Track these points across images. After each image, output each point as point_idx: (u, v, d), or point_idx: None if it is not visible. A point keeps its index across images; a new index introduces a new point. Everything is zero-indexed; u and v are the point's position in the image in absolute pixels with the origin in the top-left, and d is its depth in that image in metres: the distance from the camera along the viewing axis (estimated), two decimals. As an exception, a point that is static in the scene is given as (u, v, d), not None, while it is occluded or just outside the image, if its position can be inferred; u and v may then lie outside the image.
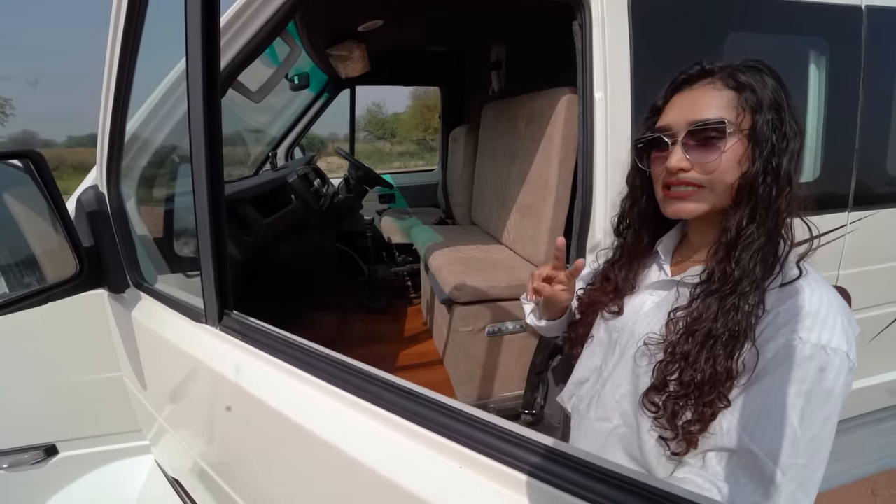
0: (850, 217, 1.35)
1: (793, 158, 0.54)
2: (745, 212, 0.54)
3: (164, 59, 0.81)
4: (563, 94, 1.47)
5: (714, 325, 0.53)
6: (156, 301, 0.74)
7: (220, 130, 0.50)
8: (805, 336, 0.49)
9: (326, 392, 0.43)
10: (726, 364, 0.52)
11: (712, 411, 0.53)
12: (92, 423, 1.05)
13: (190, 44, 0.47)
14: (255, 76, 1.10)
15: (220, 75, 0.49)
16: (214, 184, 0.50)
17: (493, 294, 1.47)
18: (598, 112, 1.03)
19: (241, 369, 0.51)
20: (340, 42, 2.03)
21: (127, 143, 0.85)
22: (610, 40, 1.01)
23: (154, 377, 0.79)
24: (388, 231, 2.72)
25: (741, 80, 0.55)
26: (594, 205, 1.07)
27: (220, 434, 0.63)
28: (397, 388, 0.39)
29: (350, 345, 2.08)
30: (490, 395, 1.57)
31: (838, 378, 0.48)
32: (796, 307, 0.51)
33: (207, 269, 0.54)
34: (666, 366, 0.56)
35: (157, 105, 0.82)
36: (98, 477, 1.04)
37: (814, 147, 1.30)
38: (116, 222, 0.81)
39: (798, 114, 0.55)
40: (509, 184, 1.84)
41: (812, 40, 1.26)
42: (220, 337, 0.56)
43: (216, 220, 0.52)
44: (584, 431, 0.73)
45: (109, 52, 0.69)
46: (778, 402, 0.49)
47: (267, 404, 0.47)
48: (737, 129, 0.54)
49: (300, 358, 0.47)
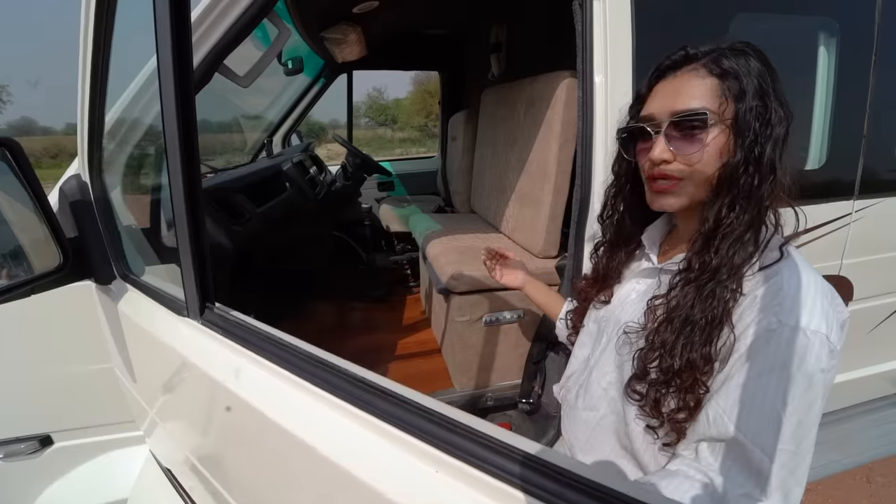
0: (855, 205, 1.32)
1: (777, 146, 0.52)
2: (725, 201, 0.53)
3: (144, 44, 0.78)
4: (563, 78, 1.42)
5: (691, 311, 0.53)
6: (141, 293, 0.73)
7: (195, 117, 0.47)
8: (784, 319, 0.48)
9: (304, 390, 0.42)
10: (703, 350, 0.52)
11: (695, 398, 0.53)
12: (87, 414, 1.05)
13: (159, 29, 0.44)
14: (244, 59, 1.07)
15: (192, 61, 0.47)
16: (190, 173, 0.48)
17: (490, 284, 1.45)
18: (597, 97, 1.00)
19: (221, 365, 0.50)
20: (334, 25, 1.97)
21: (110, 130, 0.82)
22: (611, 21, 0.97)
23: (142, 370, 0.78)
24: (386, 219, 2.69)
25: (725, 67, 0.53)
26: (593, 194, 1.05)
27: (205, 429, 0.62)
28: (376, 389, 0.37)
29: (348, 334, 2.08)
30: (487, 384, 1.57)
31: (819, 361, 0.47)
32: (774, 290, 0.51)
33: (187, 261, 0.52)
34: (646, 354, 0.57)
35: (139, 92, 0.79)
36: (93, 467, 1.05)
37: (820, 133, 1.26)
38: (100, 212, 0.79)
39: (784, 98, 0.53)
40: (508, 171, 1.81)
41: (822, 21, 1.21)
42: (201, 331, 0.55)
43: (193, 209, 0.50)
44: (572, 422, 0.74)
45: (83, 34, 0.66)
46: (760, 388, 0.48)
47: (245, 401, 0.46)
48: (719, 120, 0.53)
49: (279, 355, 0.45)
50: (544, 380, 1.49)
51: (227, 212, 1.25)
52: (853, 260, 1.36)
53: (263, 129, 2.76)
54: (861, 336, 1.49)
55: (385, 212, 2.72)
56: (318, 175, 2.20)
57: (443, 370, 1.72)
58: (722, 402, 0.50)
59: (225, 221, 1.18)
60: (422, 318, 2.20)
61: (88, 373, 1.02)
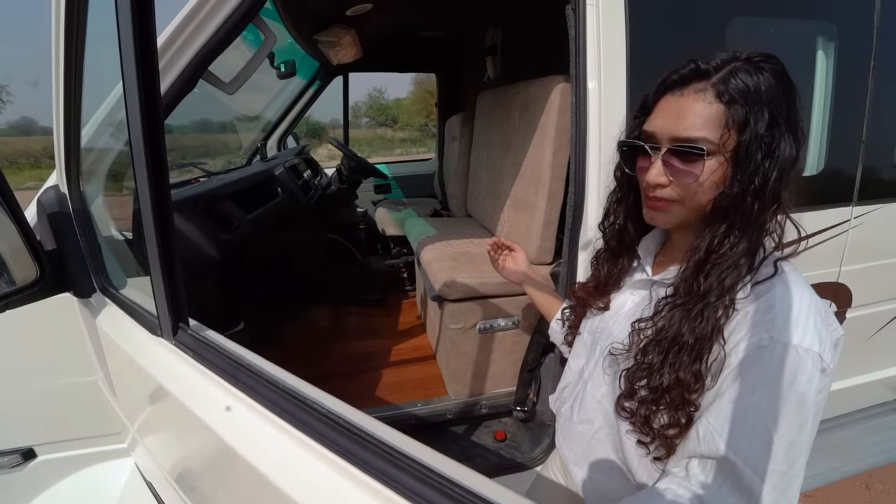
0: (854, 212, 1.30)
1: (784, 175, 0.50)
2: (719, 231, 0.52)
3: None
4: (557, 83, 1.40)
5: (679, 332, 0.52)
6: (119, 309, 0.71)
7: (162, 126, 0.45)
8: (777, 335, 0.47)
9: (270, 423, 0.40)
10: (693, 367, 0.51)
11: (686, 415, 0.52)
12: (71, 426, 1.04)
13: (122, 35, 0.42)
14: (230, 65, 1.05)
15: (157, 67, 0.45)
16: (158, 183, 0.46)
17: (484, 291, 1.44)
18: (591, 103, 0.98)
19: (189, 389, 0.48)
20: (328, 27, 1.95)
21: (90, 140, 0.80)
22: (605, 25, 0.95)
23: (120, 386, 0.76)
24: (382, 223, 2.67)
25: (733, 92, 0.50)
26: (587, 201, 1.03)
27: (178, 451, 0.60)
28: (345, 427, 0.35)
29: (342, 339, 2.06)
30: (482, 391, 1.55)
31: (811, 381, 0.46)
32: (767, 306, 0.49)
33: (158, 279, 0.50)
34: (633, 373, 0.57)
35: (119, 101, 0.77)
36: (78, 480, 1.03)
37: (819, 139, 1.24)
38: (79, 224, 0.77)
39: (798, 119, 0.51)
40: (503, 175, 1.79)
41: (820, 25, 1.19)
42: (173, 352, 0.53)
43: (162, 223, 0.48)
44: (567, 435, 0.73)
45: (54, 38, 0.64)
46: (751, 405, 0.47)
47: (213, 431, 0.44)
48: (718, 151, 0.51)
49: (249, 384, 0.43)
50: (539, 387, 1.48)
51: (215, 220, 1.23)
52: (852, 267, 1.34)
53: (260, 131, 2.74)
54: (860, 343, 1.48)
55: (381, 215, 2.70)
56: (312, 179, 2.18)
57: (437, 377, 1.70)
58: (712, 419, 0.49)
59: (212, 230, 1.16)
60: (417, 324, 2.18)
61: (72, 385, 1.00)
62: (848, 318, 1.39)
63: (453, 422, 1.52)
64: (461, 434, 1.51)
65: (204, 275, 1.11)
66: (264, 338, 1.88)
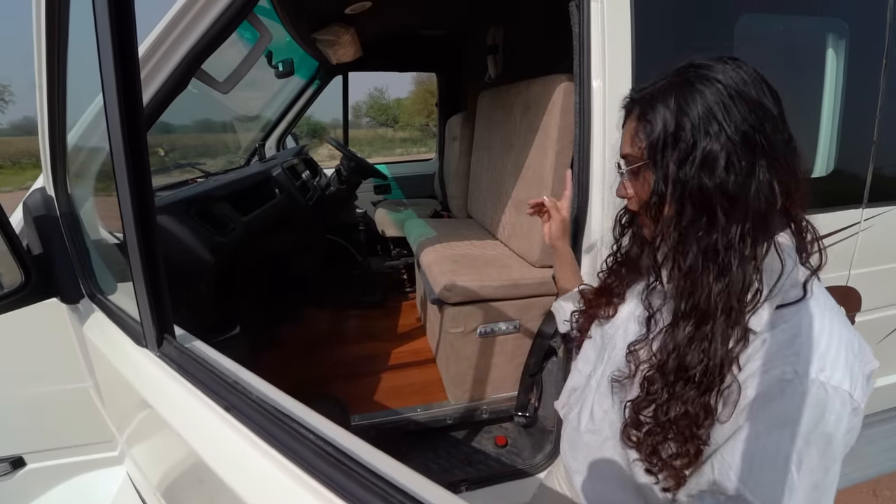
0: (864, 214, 1.27)
1: (706, 171, 0.47)
2: (673, 241, 0.51)
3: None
4: (560, 82, 1.37)
5: (683, 359, 0.49)
6: (106, 316, 0.68)
7: (143, 127, 0.43)
8: (801, 370, 0.43)
9: (256, 448, 0.37)
10: (702, 400, 0.47)
11: (695, 446, 0.49)
12: (61, 434, 1.01)
13: (100, 36, 0.39)
14: (226, 64, 1.02)
15: (138, 68, 0.42)
16: (140, 188, 0.43)
17: (484, 294, 1.41)
18: (595, 102, 0.95)
19: (174, 407, 0.45)
20: (326, 26, 1.92)
21: (79, 140, 0.78)
22: (610, 23, 0.92)
23: (108, 396, 0.74)
24: (381, 224, 2.65)
25: (644, 106, 0.53)
26: (590, 203, 1.01)
27: (162, 467, 0.57)
28: (334, 456, 0.32)
29: (341, 342, 2.03)
30: (483, 396, 1.53)
31: (840, 422, 0.42)
32: (790, 335, 0.45)
33: (141, 288, 0.47)
34: (638, 405, 0.54)
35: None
36: (69, 489, 1.00)
37: (828, 140, 1.22)
38: (67, 227, 0.74)
39: (719, 120, 0.47)
40: (504, 177, 1.76)
41: (831, 22, 1.16)
42: (158, 365, 0.50)
43: (146, 230, 0.45)
44: (573, 444, 0.70)
45: (35, 37, 0.61)
46: (770, 444, 0.44)
47: (196, 453, 0.41)
48: (639, 160, 0.54)
49: (235, 404, 0.40)
50: (541, 392, 1.45)
51: (210, 222, 1.20)
52: (861, 270, 1.31)
53: (259, 131, 2.72)
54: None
55: (380, 216, 2.67)
56: (310, 179, 2.15)
57: (437, 381, 1.67)
58: (727, 455, 0.46)
59: (206, 233, 1.14)
60: (417, 326, 2.15)
61: (63, 392, 0.97)
62: (857, 322, 1.36)
63: (453, 427, 1.50)
64: (461, 440, 1.49)
65: (197, 279, 1.09)
66: (262, 341, 1.85)
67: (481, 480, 1.29)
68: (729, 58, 0.50)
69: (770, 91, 0.49)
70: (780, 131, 0.48)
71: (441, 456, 1.40)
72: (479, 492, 1.27)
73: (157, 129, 2.04)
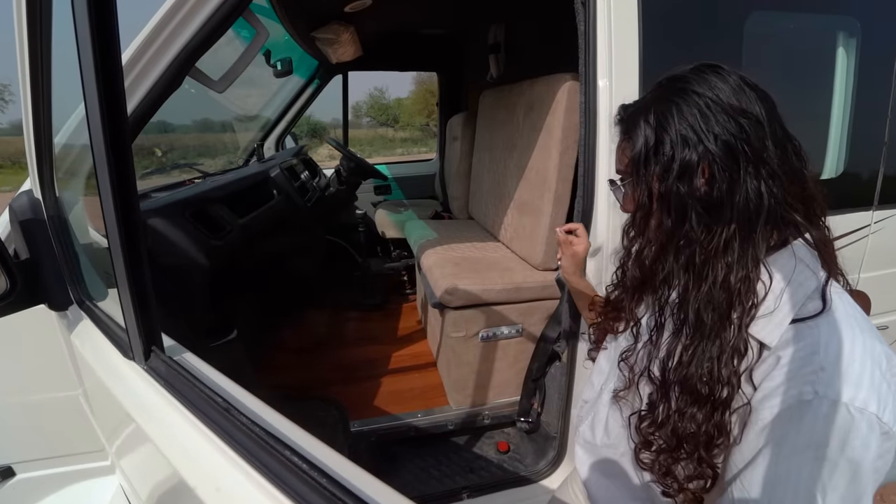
0: (874, 216, 1.24)
1: (689, 191, 0.47)
2: (661, 253, 0.52)
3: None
4: (564, 81, 1.35)
5: (683, 372, 0.47)
6: (94, 325, 0.65)
7: (126, 128, 0.40)
8: (822, 390, 0.40)
9: (244, 474, 0.34)
10: (714, 419, 0.46)
11: (710, 469, 0.47)
12: (52, 443, 0.98)
13: (79, 28, 0.36)
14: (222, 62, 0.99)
15: (120, 69, 0.39)
16: (124, 196, 0.41)
17: (486, 298, 1.38)
18: (601, 102, 0.93)
19: (160, 425, 0.43)
20: (326, 24, 1.89)
21: (68, 141, 0.75)
22: (616, 20, 0.90)
23: (97, 406, 0.71)
24: (382, 225, 2.62)
25: (628, 123, 0.54)
26: (596, 205, 0.98)
27: (149, 484, 0.54)
28: (329, 490, 0.29)
29: (341, 345, 2.00)
30: (484, 402, 1.50)
31: (867, 448, 0.39)
32: (809, 352, 0.42)
33: (127, 298, 0.45)
34: (641, 421, 0.53)
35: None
36: (60, 500, 0.98)
37: (838, 140, 1.19)
38: (55, 231, 0.71)
39: (698, 129, 0.47)
40: (507, 178, 1.73)
41: (842, 20, 1.13)
42: (144, 379, 0.47)
43: (130, 238, 0.42)
44: (588, 456, 0.68)
45: (17, 37, 0.59)
46: (792, 470, 0.41)
47: (178, 472, 0.38)
48: (627, 174, 0.55)
49: (222, 425, 0.38)
50: (544, 397, 1.42)
51: (205, 225, 1.17)
52: (871, 274, 1.29)
53: (257, 130, 2.69)
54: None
55: (381, 217, 2.64)
56: (310, 180, 2.12)
57: (438, 386, 1.64)
58: (746, 482, 0.43)
59: (201, 236, 1.11)
60: (417, 329, 2.13)
61: (53, 400, 0.95)
62: (867, 327, 1.34)
63: (454, 433, 1.47)
64: (462, 445, 1.46)
65: (192, 283, 1.06)
66: (260, 344, 1.82)
67: (483, 487, 1.26)
68: (709, 66, 0.50)
69: (758, 96, 0.48)
70: (771, 136, 0.46)
71: (442, 462, 1.37)
72: (481, 499, 1.24)
73: (154, 128, 2.01)
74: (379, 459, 1.38)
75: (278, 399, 1.50)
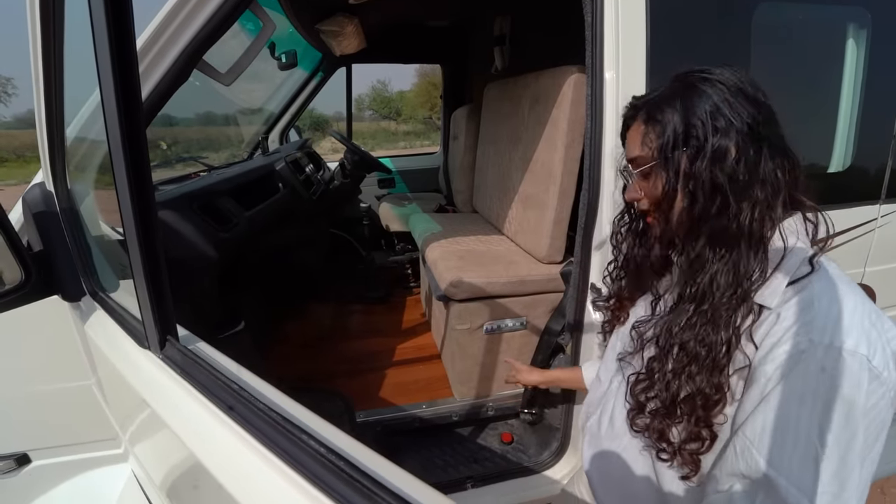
0: (881, 210, 1.24)
1: (718, 172, 0.50)
2: (683, 233, 0.55)
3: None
4: (570, 74, 1.34)
5: (683, 338, 0.51)
6: (107, 315, 0.67)
7: (142, 121, 0.41)
8: (817, 338, 0.44)
9: (261, 457, 0.35)
10: (712, 379, 0.49)
11: (708, 428, 0.50)
12: (66, 431, 1.01)
13: (95, 19, 0.37)
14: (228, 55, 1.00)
15: (136, 60, 0.40)
16: (140, 187, 0.41)
17: (491, 291, 1.39)
18: (608, 94, 0.92)
19: (177, 411, 0.44)
20: (330, 16, 1.88)
21: (79, 133, 0.76)
22: (624, 11, 0.89)
23: (111, 395, 0.72)
24: (386, 218, 2.62)
25: (650, 111, 0.56)
26: (601, 198, 0.98)
27: (165, 469, 0.56)
28: (344, 471, 0.30)
29: (346, 338, 2.02)
30: (488, 394, 1.52)
31: (859, 387, 0.42)
32: (804, 306, 0.46)
33: (142, 287, 0.46)
34: (635, 384, 0.57)
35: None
36: (74, 487, 1.00)
37: (845, 133, 1.18)
38: (67, 223, 0.72)
39: (726, 116, 0.51)
40: (511, 171, 1.73)
41: (852, 11, 1.12)
42: (160, 367, 0.48)
43: (146, 229, 0.43)
44: (595, 453, 0.70)
45: (30, 30, 0.59)
46: (791, 416, 0.43)
47: (196, 456, 0.39)
48: (652, 159, 0.56)
49: (240, 411, 0.39)
50: (547, 389, 1.44)
51: (213, 217, 1.18)
52: (878, 267, 1.28)
53: (262, 123, 2.69)
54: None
55: (384, 210, 2.65)
56: (314, 173, 2.13)
57: (442, 378, 1.66)
58: (749, 431, 0.46)
59: (209, 229, 1.12)
60: (422, 322, 2.14)
61: (67, 389, 0.97)
62: (871, 320, 1.34)
63: (459, 424, 1.49)
64: (466, 436, 1.48)
65: (201, 275, 1.07)
66: (266, 336, 1.84)
67: (487, 477, 1.28)
68: (719, 64, 0.55)
69: (762, 90, 0.53)
70: (778, 124, 0.52)
71: (446, 453, 1.39)
72: (485, 489, 1.26)
73: (160, 121, 2.01)
74: (384, 449, 1.39)
75: (284, 390, 1.51)
